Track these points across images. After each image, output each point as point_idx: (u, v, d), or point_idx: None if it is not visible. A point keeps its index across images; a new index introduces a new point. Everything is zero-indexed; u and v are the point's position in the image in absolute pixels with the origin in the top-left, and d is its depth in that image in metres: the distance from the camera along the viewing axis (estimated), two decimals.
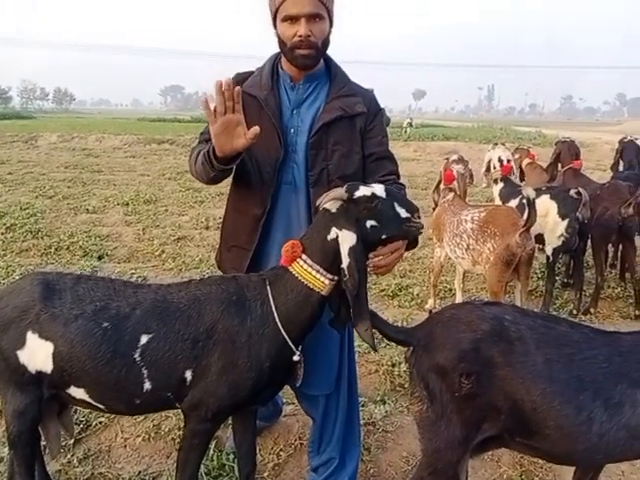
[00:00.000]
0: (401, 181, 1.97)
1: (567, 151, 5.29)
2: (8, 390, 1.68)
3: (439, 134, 21.51)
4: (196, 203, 8.13)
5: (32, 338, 1.62)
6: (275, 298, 1.65)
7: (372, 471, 2.38)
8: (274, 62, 1.93)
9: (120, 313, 1.62)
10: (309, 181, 1.87)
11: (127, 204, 7.93)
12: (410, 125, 22.16)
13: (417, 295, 4.54)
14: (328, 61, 1.93)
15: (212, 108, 1.58)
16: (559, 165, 5.34)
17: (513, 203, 4.40)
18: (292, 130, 1.87)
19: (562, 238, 4.06)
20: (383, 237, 1.63)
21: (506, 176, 4.69)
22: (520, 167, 6.04)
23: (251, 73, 1.95)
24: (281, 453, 2.45)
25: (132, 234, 6.33)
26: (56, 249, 5.65)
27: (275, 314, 1.64)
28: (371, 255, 1.67)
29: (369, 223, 1.60)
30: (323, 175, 1.86)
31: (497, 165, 4.68)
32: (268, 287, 1.66)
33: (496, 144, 5.07)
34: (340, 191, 1.61)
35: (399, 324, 3.91)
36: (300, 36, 1.74)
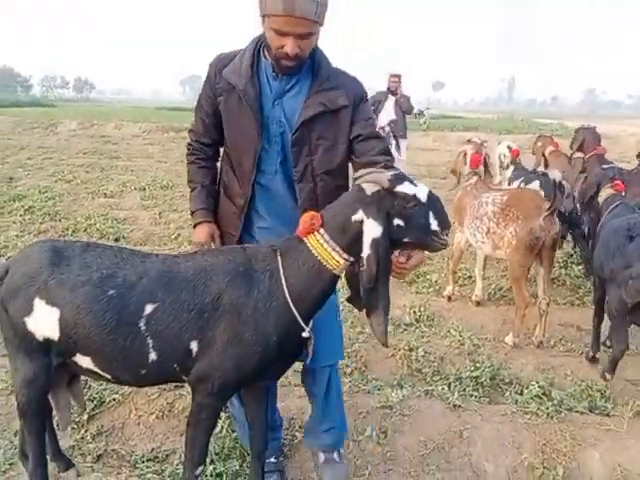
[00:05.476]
0: (394, 164, 1.92)
1: (591, 137, 5.15)
2: (17, 358, 1.66)
3: (459, 125, 21.20)
4: None
5: (39, 304, 1.59)
6: (286, 270, 1.59)
7: (389, 454, 2.33)
8: (256, 47, 1.84)
9: (126, 281, 1.58)
10: (294, 177, 1.86)
11: (144, 189, 7.95)
12: (421, 113, 19.12)
13: (435, 282, 4.46)
14: (313, 51, 1.80)
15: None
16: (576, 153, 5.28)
17: (515, 184, 4.58)
18: (274, 122, 1.84)
19: None
20: (405, 240, 1.57)
21: (515, 159, 4.82)
22: (543, 155, 5.93)
23: (233, 55, 1.87)
24: (296, 434, 2.41)
25: (148, 218, 6.33)
26: (73, 231, 5.68)
27: (284, 287, 1.58)
28: (396, 253, 1.62)
29: (397, 221, 1.54)
30: (307, 170, 1.85)
31: (507, 153, 4.84)
32: (279, 258, 1.61)
33: (500, 142, 5.41)
34: (384, 176, 1.54)
35: (416, 310, 3.84)
36: (287, 53, 1.68)
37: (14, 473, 2.13)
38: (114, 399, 2.61)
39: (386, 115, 7.86)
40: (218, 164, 2.10)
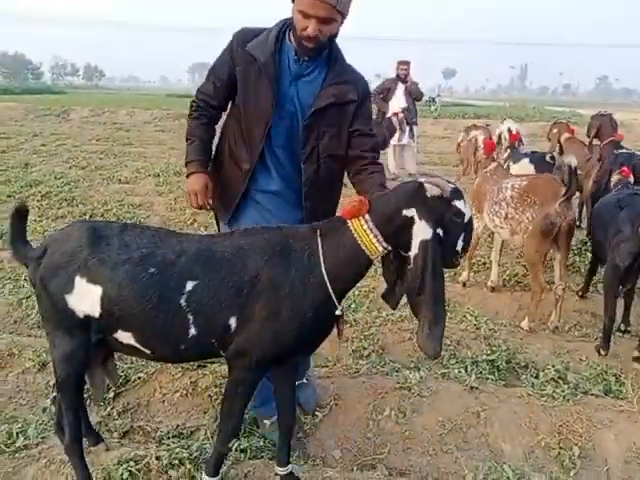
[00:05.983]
0: (379, 161, 2.12)
1: (609, 124, 5.12)
2: (57, 334, 1.71)
3: (470, 112, 21.03)
4: None
5: (80, 282, 1.64)
6: (325, 249, 1.65)
7: (407, 433, 2.38)
8: (282, 28, 2.00)
9: (166, 260, 1.63)
10: (301, 157, 2.05)
11: (158, 175, 8.01)
12: (432, 101, 20.48)
13: None
14: (331, 44, 1.99)
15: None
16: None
17: (507, 165, 4.77)
18: (288, 100, 2.01)
19: None
20: None
21: (513, 144, 4.91)
22: (559, 141, 5.91)
23: (259, 32, 2.01)
24: (317, 413, 2.46)
25: (164, 204, 6.39)
26: (90, 216, 5.75)
27: (322, 265, 1.63)
28: None
29: (439, 230, 1.60)
30: (314, 153, 2.04)
31: (507, 136, 4.89)
32: (319, 238, 1.66)
33: (504, 119, 5.45)
34: (447, 186, 1.60)
35: None
36: (308, 34, 1.84)
37: (45, 446, 2.20)
38: (139, 377, 2.68)
39: (397, 102, 7.84)
40: (216, 128, 2.22)
